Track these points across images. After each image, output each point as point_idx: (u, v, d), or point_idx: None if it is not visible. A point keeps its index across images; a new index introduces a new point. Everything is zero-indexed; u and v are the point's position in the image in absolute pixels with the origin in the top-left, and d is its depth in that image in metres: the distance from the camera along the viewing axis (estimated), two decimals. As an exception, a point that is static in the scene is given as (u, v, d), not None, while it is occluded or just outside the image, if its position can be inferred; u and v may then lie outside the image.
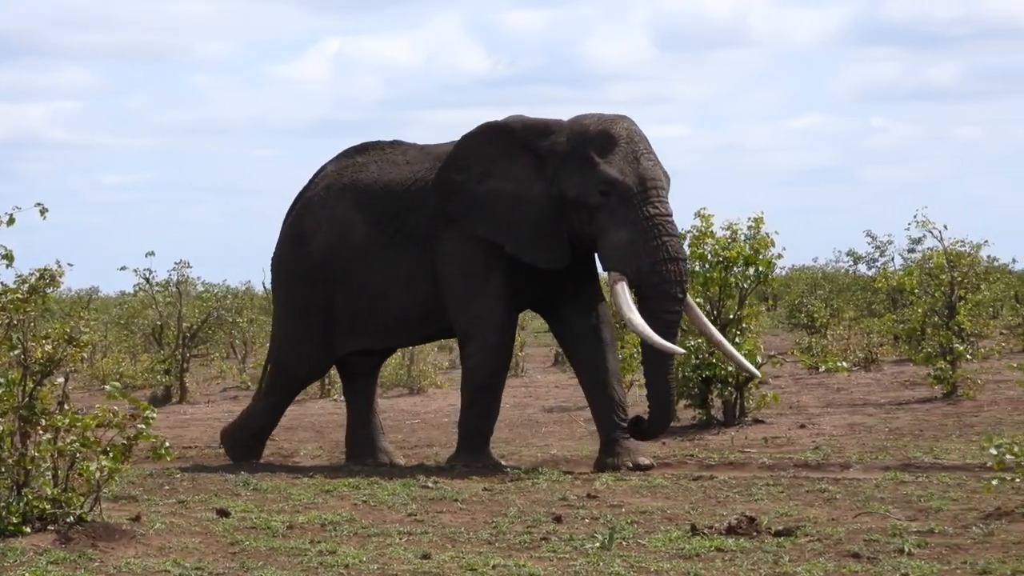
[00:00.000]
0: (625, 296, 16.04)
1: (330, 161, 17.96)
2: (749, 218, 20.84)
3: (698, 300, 20.96)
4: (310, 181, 17.95)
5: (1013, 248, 71.50)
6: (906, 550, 11.52)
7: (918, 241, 26.82)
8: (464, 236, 16.63)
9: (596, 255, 16.62)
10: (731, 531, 12.28)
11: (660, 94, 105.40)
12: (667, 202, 16.21)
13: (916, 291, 26.18)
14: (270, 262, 18.39)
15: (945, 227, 25.34)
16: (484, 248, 16.53)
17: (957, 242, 25.48)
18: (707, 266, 20.67)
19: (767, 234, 20.77)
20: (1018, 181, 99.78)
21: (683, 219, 20.87)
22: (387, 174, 17.32)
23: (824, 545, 11.83)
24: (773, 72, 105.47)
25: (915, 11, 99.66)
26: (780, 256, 21.14)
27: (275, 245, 18.18)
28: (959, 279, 25.12)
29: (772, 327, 38.61)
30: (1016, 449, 13.61)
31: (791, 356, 27.63)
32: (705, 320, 17.27)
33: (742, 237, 20.74)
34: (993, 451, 13.87)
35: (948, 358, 23.70)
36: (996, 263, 31.71)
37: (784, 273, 36.68)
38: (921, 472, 15.61)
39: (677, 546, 11.82)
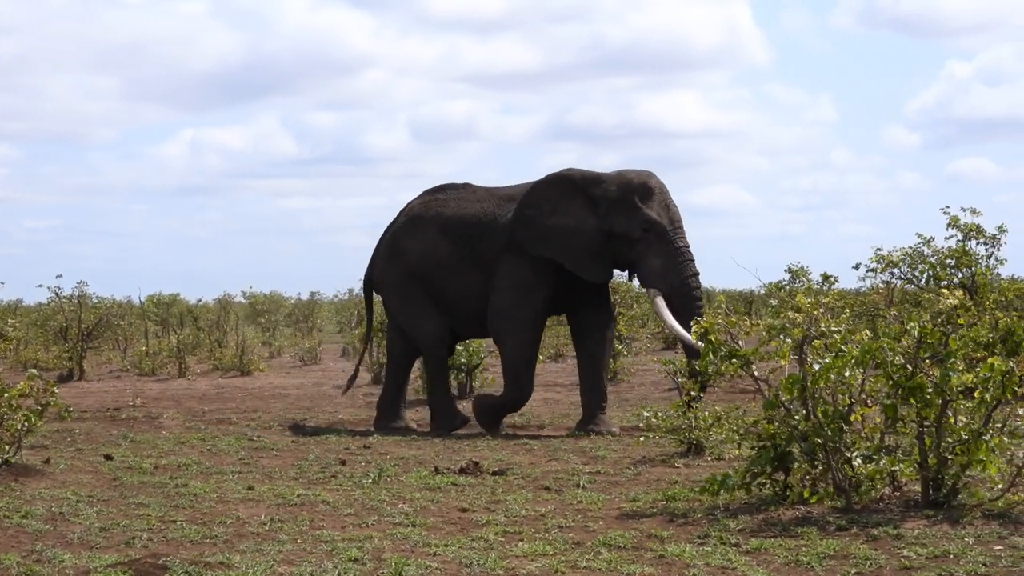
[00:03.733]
0: (663, 306, 15.67)
1: (415, 199, 17.28)
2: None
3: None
4: (401, 213, 17.27)
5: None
6: (581, 485, 11.62)
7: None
8: (519, 261, 16.10)
9: (635, 275, 16.25)
10: (463, 471, 12.30)
11: (417, 171, 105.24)
12: (686, 237, 15.87)
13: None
14: (368, 278, 17.64)
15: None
16: (533, 271, 16.00)
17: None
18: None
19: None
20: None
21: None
22: (463, 209, 16.73)
23: (526, 481, 11.89)
24: (494, 158, 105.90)
25: (587, 117, 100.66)
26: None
27: (373, 264, 17.41)
28: (619, 300, 25.57)
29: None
30: (658, 415, 13.81)
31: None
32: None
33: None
34: (645, 414, 14.08)
35: (613, 353, 23.96)
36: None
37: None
38: (591, 431, 15.75)
39: (425, 482, 11.81)
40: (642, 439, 13.87)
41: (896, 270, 19.74)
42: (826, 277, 15.24)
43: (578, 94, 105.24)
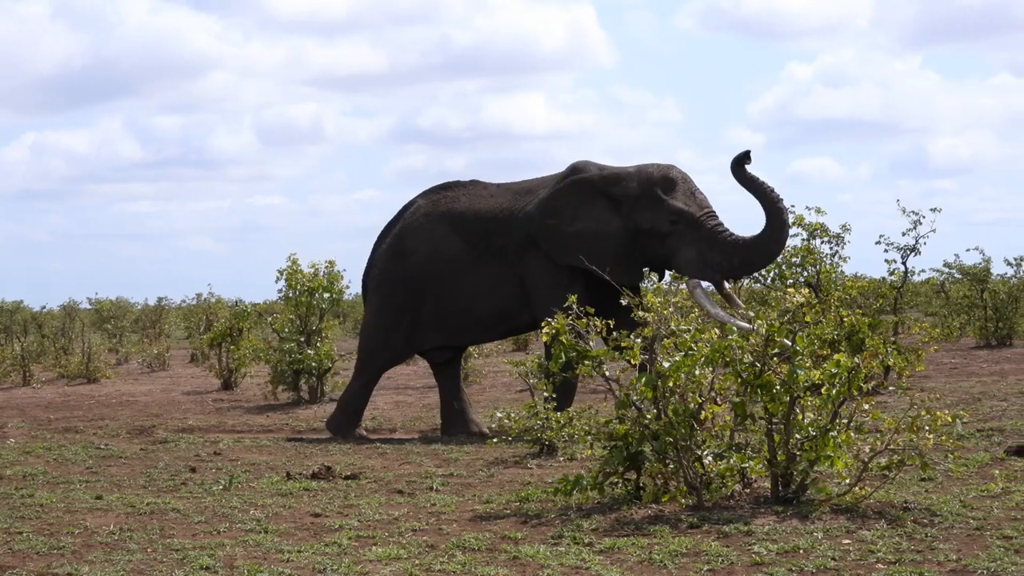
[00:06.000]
0: (704, 297, 15.06)
1: (419, 196, 16.59)
2: (326, 260, 20.94)
3: (291, 317, 20.94)
4: (403, 211, 16.59)
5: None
6: (434, 487, 11.59)
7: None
8: (549, 259, 15.44)
9: (670, 269, 15.56)
10: (315, 476, 12.19)
11: (263, 174, 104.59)
12: (718, 218, 15.23)
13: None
14: (365, 276, 16.76)
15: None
16: (567, 268, 15.26)
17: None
18: (298, 292, 20.62)
19: (339, 271, 20.86)
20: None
21: (282, 262, 20.86)
22: (476, 204, 16.09)
23: (379, 485, 11.83)
24: (341, 161, 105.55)
25: (435, 119, 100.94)
26: (348, 286, 21.30)
27: (372, 262, 16.60)
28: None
29: (342, 335, 38.53)
30: (511, 417, 13.83)
31: (356, 355, 27.58)
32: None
33: (322, 272, 20.76)
34: (498, 415, 14.09)
35: (464, 355, 23.97)
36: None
37: (351, 298, 36.61)
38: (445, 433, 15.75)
39: (277, 487, 11.69)
40: (495, 440, 13.87)
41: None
42: (675, 276, 15.31)
43: (425, 96, 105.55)
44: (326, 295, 20.79)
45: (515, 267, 15.71)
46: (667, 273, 15.76)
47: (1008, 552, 8.30)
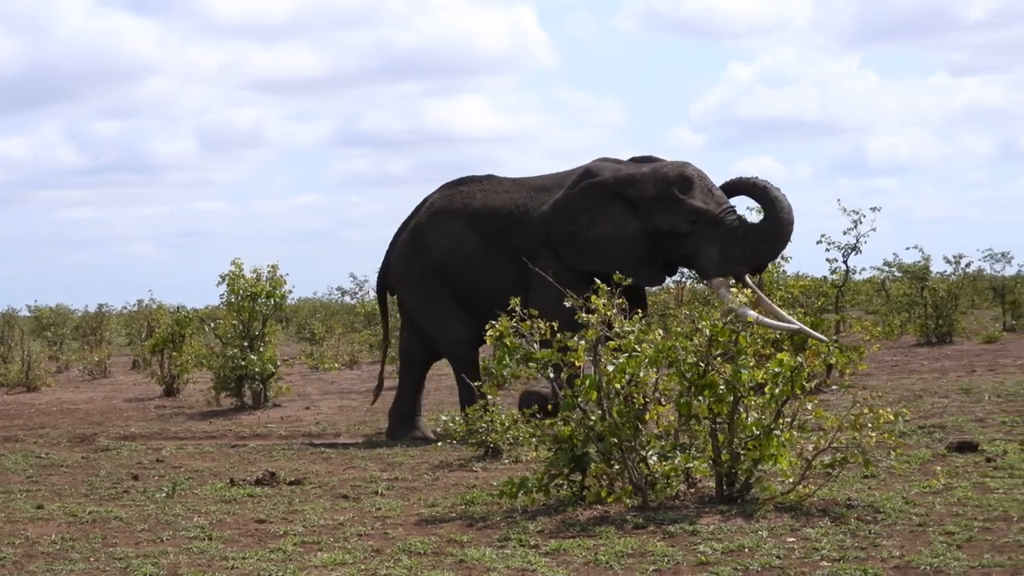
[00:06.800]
0: (729, 296, 14.82)
1: (434, 192, 16.30)
2: (268, 265, 20.83)
3: (233, 322, 20.84)
4: (419, 207, 16.32)
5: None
6: (379, 492, 11.56)
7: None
8: (557, 256, 15.15)
9: (691, 269, 15.50)
10: (259, 482, 12.13)
11: (204, 179, 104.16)
12: (737, 213, 15.11)
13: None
14: (382, 278, 16.55)
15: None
16: (578, 273, 14.56)
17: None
18: (240, 297, 20.51)
19: (282, 276, 20.76)
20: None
21: (224, 268, 20.77)
22: (492, 200, 15.79)
23: (324, 490, 11.79)
24: (283, 165, 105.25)
25: (377, 123, 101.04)
26: (291, 291, 21.19)
27: (391, 260, 16.33)
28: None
29: (286, 340, 38.43)
30: (455, 420, 13.83)
31: (299, 360, 27.52)
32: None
33: (264, 277, 20.66)
34: (443, 418, 14.07)
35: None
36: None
37: (294, 302, 36.53)
38: (390, 438, 15.72)
39: (221, 494, 11.63)
40: (440, 444, 13.85)
41: (686, 269, 20.05)
42: (619, 278, 15.35)
43: (367, 100, 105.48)
44: (269, 300, 20.70)
45: (527, 264, 15.06)
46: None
47: (950, 547, 8.36)
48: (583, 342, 10.34)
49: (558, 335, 10.50)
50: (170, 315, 26.48)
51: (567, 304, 10.73)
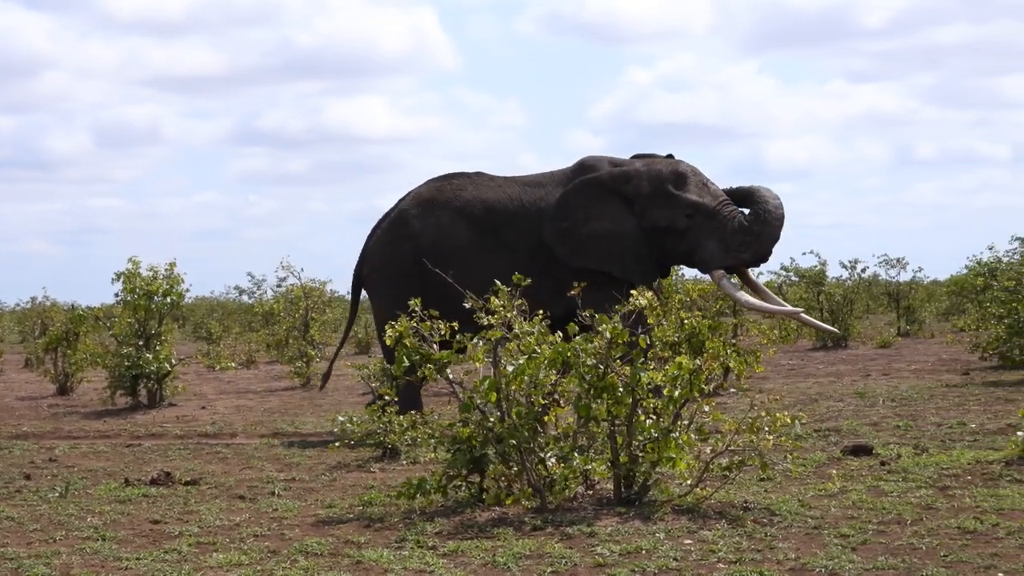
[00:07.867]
0: (731, 286, 14.83)
1: (420, 186, 15.99)
2: (166, 263, 20.66)
3: (129, 321, 20.62)
4: (403, 199, 15.96)
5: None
6: (276, 492, 11.49)
7: (284, 279, 26.89)
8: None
9: (692, 265, 15.40)
10: (154, 482, 12.02)
11: (100, 176, 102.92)
12: (734, 206, 15.04)
13: (282, 313, 26.49)
14: (358, 272, 16.08)
15: (302, 269, 25.96)
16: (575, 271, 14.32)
17: (311, 280, 26.06)
18: (137, 296, 20.31)
19: (179, 274, 20.58)
20: (348, 238, 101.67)
21: (120, 266, 20.54)
22: (484, 193, 15.57)
23: (220, 490, 11.70)
24: (180, 163, 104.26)
25: (275, 122, 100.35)
26: (188, 289, 20.99)
27: (371, 251, 15.94)
28: (312, 305, 25.63)
29: (183, 339, 38.13)
30: (353, 420, 13.77)
31: (195, 359, 27.29)
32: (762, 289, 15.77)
33: (161, 276, 20.47)
34: (341, 419, 13.99)
35: (304, 359, 23.98)
36: (337, 295, 32.09)
37: (191, 301, 36.24)
38: (286, 438, 15.62)
39: (115, 494, 11.51)
40: (337, 444, 13.80)
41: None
42: (519, 280, 15.34)
43: (265, 98, 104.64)
44: (166, 299, 20.50)
45: (532, 264, 14.70)
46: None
47: (845, 550, 8.46)
48: (482, 343, 10.35)
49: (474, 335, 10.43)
50: (64, 313, 26.16)
51: (466, 305, 10.71)
